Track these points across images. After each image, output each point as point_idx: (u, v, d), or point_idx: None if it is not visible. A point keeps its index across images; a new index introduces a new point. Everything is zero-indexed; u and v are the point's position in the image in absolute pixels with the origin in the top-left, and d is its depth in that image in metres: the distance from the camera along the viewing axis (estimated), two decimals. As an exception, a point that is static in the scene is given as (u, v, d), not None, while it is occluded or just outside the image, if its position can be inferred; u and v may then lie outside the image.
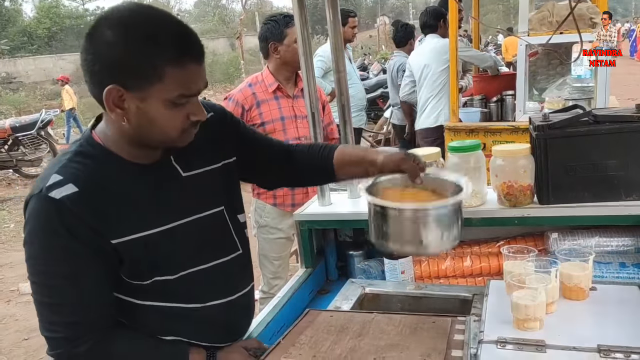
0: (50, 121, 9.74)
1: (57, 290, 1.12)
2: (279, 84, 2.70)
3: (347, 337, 1.21)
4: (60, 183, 1.09)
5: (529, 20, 3.75)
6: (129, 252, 1.15)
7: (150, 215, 1.19)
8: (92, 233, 1.11)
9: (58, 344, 1.14)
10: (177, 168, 1.26)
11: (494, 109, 4.33)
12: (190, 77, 1.09)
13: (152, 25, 1.07)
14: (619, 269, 1.60)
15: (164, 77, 1.06)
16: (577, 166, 1.65)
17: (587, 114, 1.67)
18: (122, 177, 1.17)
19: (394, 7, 49.45)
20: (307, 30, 1.91)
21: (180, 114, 1.12)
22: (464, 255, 1.83)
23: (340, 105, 2.07)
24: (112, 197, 1.14)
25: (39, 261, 1.12)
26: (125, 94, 1.07)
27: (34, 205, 1.10)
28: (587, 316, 1.32)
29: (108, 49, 1.06)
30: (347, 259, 2.04)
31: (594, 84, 3.64)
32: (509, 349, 1.21)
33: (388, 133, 7.01)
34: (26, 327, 4.13)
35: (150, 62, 1.05)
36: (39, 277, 1.13)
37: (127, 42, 1.05)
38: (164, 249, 1.20)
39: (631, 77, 14.34)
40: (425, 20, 4.53)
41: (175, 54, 1.06)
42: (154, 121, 1.11)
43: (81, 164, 1.13)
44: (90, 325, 1.14)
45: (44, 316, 1.14)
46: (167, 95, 1.08)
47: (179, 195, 1.24)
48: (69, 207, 1.08)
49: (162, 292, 1.22)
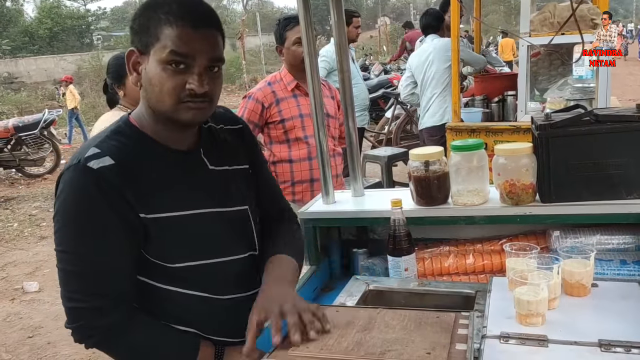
0: (53, 121, 9.78)
1: (86, 258, 1.16)
2: (297, 82, 2.75)
3: (353, 330, 1.23)
4: (98, 155, 1.15)
5: (530, 21, 3.78)
6: (156, 229, 1.20)
7: (181, 198, 1.24)
8: (125, 204, 1.16)
9: (79, 315, 1.17)
10: (205, 160, 1.32)
11: (495, 109, 4.35)
12: (183, 37, 1.14)
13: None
14: (619, 266, 1.63)
15: (160, 37, 1.15)
16: (579, 165, 1.67)
17: (589, 114, 1.69)
18: (155, 157, 1.23)
19: (395, 8, 49.46)
20: (312, 31, 1.93)
21: (175, 78, 1.16)
22: (467, 253, 1.85)
23: (344, 104, 2.09)
24: (145, 174, 1.20)
25: (70, 228, 1.15)
26: (139, 57, 1.19)
27: (70, 174, 1.15)
28: (588, 312, 1.34)
29: (133, 19, 1.20)
30: (350, 256, 2.06)
31: (595, 85, 3.66)
32: (511, 343, 1.22)
33: (389, 133, 7.04)
34: (30, 325, 4.16)
35: (151, 24, 1.16)
36: (68, 245, 1.16)
37: (142, 11, 1.19)
38: (191, 231, 1.25)
39: (632, 77, 14.35)
40: (428, 22, 4.57)
41: (171, 16, 1.15)
42: (151, 81, 1.17)
43: (118, 142, 1.20)
44: (114, 299, 1.18)
45: (69, 285, 1.17)
46: (161, 54, 1.15)
47: (207, 185, 1.30)
48: (105, 177, 1.13)
49: (183, 278, 1.27)
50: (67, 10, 37.82)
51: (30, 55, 28.72)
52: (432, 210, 1.84)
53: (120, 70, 2.55)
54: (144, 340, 1.24)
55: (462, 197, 1.80)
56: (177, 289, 1.28)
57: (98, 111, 14.67)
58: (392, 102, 7.53)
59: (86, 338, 1.20)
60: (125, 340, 1.21)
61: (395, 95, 7.46)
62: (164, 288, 1.28)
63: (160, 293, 1.28)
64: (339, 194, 2.15)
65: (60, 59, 27.12)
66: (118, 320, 1.19)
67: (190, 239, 1.26)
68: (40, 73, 25.70)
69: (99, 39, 37.67)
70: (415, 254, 1.79)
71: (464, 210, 1.80)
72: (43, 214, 7.30)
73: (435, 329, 1.23)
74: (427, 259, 1.86)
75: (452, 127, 4.07)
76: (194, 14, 1.17)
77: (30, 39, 32.96)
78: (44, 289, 4.86)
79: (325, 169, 2.07)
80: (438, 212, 1.83)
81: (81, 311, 1.17)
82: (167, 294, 1.28)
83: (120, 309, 1.19)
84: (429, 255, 1.87)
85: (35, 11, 37.92)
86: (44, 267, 5.40)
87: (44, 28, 33.44)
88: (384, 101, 8.70)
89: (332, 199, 2.08)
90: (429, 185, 1.83)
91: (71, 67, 24.51)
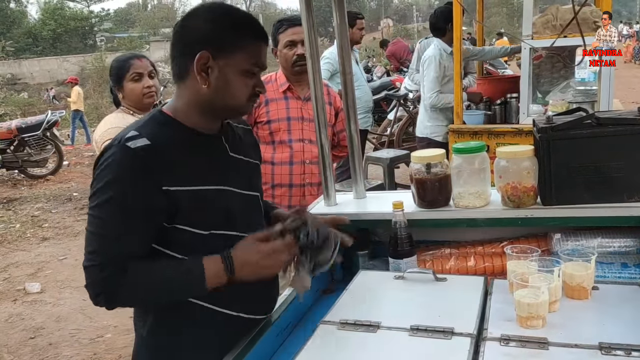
0: (56, 122, 9.79)
1: (104, 223, 1.28)
2: (290, 84, 2.71)
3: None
4: (136, 137, 1.30)
5: (533, 24, 3.78)
6: (184, 200, 1.31)
7: (206, 174, 1.38)
8: (155, 180, 1.29)
9: (88, 274, 1.28)
10: (226, 146, 1.47)
11: (497, 112, 4.35)
12: (262, 53, 1.38)
13: (236, 12, 1.40)
14: (620, 269, 1.63)
15: (245, 48, 1.35)
16: (580, 168, 1.67)
17: (590, 117, 1.69)
18: (185, 139, 1.38)
19: (398, 10, 49.48)
20: (314, 33, 1.94)
21: (249, 83, 1.38)
22: (468, 255, 1.85)
23: (346, 106, 2.09)
24: (176, 153, 1.33)
25: (103, 195, 1.27)
26: (211, 60, 1.33)
27: (111, 152, 1.30)
28: (589, 315, 1.35)
29: (205, 24, 1.35)
30: (352, 259, 2.06)
31: (597, 87, 3.66)
32: (512, 346, 1.23)
33: (392, 135, 7.04)
34: (32, 326, 4.16)
35: (235, 35, 1.34)
36: (94, 209, 1.29)
37: (221, 20, 1.35)
38: (216, 203, 1.38)
39: (636, 80, 14.32)
40: (434, 22, 4.44)
41: (254, 32, 1.37)
42: (229, 84, 1.36)
43: (153, 126, 1.36)
44: (119, 259, 1.27)
45: (88, 245, 1.29)
46: (244, 63, 1.35)
47: (228, 167, 1.45)
48: (141, 155, 1.27)
49: (204, 247, 1.35)
50: (70, 12, 37.94)
51: (34, 56, 28.83)
52: (433, 212, 1.84)
53: (119, 73, 2.59)
54: (145, 280, 1.31)
55: (463, 200, 1.80)
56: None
57: (101, 112, 14.71)
58: (395, 104, 7.52)
59: (95, 296, 1.28)
60: (128, 287, 1.29)
61: (398, 97, 7.46)
62: (182, 258, 1.36)
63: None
64: (341, 196, 2.16)
65: (64, 60, 27.21)
66: (112, 274, 1.27)
67: (215, 210, 1.38)
68: (44, 74, 25.79)
69: (102, 40, 37.75)
70: (416, 256, 1.80)
71: (465, 212, 1.80)
72: (45, 215, 7.31)
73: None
74: (428, 261, 1.86)
75: (455, 129, 4.07)
76: (263, 31, 1.39)
77: (33, 40, 33.07)
78: (46, 290, 4.87)
79: (326, 170, 2.07)
80: (439, 214, 1.84)
81: (89, 269, 1.28)
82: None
83: (117, 266, 1.27)
84: (430, 258, 1.87)
85: (39, 12, 38.05)
86: (46, 268, 5.42)
87: (47, 29, 33.52)
88: (386, 103, 8.69)
89: (333, 201, 2.08)
90: (431, 188, 1.83)
91: (74, 68, 24.57)
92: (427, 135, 4.37)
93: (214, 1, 1.42)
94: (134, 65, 2.59)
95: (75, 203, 7.79)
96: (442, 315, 1.39)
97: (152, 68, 2.65)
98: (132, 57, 2.66)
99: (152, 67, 2.66)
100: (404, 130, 7.00)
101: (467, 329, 1.31)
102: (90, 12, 40.04)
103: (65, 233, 6.50)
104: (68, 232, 6.54)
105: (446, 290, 1.55)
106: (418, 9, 44.66)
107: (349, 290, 1.62)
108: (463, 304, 1.44)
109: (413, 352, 1.26)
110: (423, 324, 1.34)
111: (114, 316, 4.04)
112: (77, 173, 9.87)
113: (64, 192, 8.46)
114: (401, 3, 51.90)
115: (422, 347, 1.27)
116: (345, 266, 2.10)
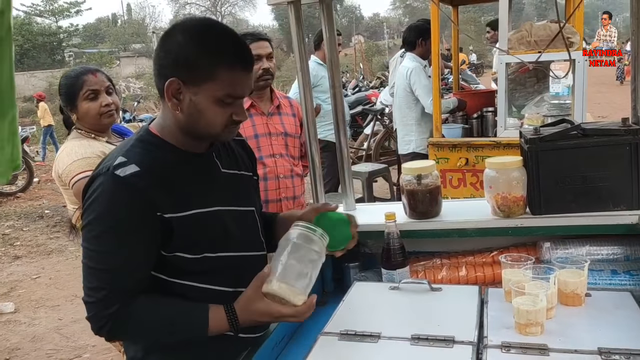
0: (26, 138, 9.62)
1: (102, 257, 1.25)
2: (252, 101, 2.64)
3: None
4: (124, 163, 1.26)
5: (508, 40, 3.87)
6: (178, 226, 1.29)
7: (199, 196, 1.35)
8: (149, 207, 1.26)
9: (90, 308, 1.27)
10: (217, 163, 1.43)
11: (474, 125, 4.42)
12: (237, 81, 1.28)
13: (213, 35, 1.28)
14: (611, 276, 1.66)
15: (216, 78, 1.25)
16: (567, 178, 1.71)
17: (576, 128, 1.74)
18: (175, 161, 1.34)
19: (369, 27, 50.10)
20: (304, 47, 1.95)
21: (225, 111, 1.30)
22: (459, 265, 1.87)
23: (335, 120, 2.11)
24: (167, 177, 1.30)
25: (95, 228, 1.25)
26: (183, 87, 1.26)
27: (100, 181, 1.26)
28: (584, 321, 1.37)
29: (177, 48, 1.26)
30: (343, 271, 2.06)
31: (571, 101, 3.75)
32: (513, 352, 1.24)
33: (369, 149, 7.09)
34: (7, 347, 4.04)
35: (206, 63, 1.24)
36: (90, 242, 1.26)
37: (191, 45, 1.25)
38: (210, 226, 1.35)
39: (600, 95, 14.74)
40: (405, 37, 4.61)
41: (228, 60, 1.26)
42: (202, 113, 1.28)
43: (142, 149, 1.32)
44: (124, 292, 1.26)
45: (87, 280, 1.27)
46: (216, 93, 1.26)
47: (219, 185, 1.41)
48: (131, 183, 1.24)
49: (198, 271, 1.36)
50: (38, 27, 37.38)
51: (0, 72, 28.20)
52: (424, 223, 1.87)
53: (71, 92, 2.22)
54: (150, 319, 1.30)
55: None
56: (191, 283, 1.37)
57: (68, 130, 14.43)
58: (371, 119, 7.59)
59: (98, 329, 1.28)
60: (132, 324, 1.28)
61: (375, 112, 7.53)
62: (178, 282, 1.36)
63: (174, 287, 1.36)
64: (330, 209, 2.16)
65: (31, 75, 26.74)
66: (119, 309, 1.26)
67: (209, 234, 1.36)
68: (11, 90, 25.23)
69: (70, 55, 37.24)
70: (409, 267, 1.81)
71: (456, 223, 1.83)
72: (16, 233, 7.13)
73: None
74: (420, 271, 1.88)
75: (434, 142, 4.13)
76: (244, 56, 1.29)
77: (0, 55, 32.40)
78: (20, 309, 4.73)
79: (317, 184, 2.08)
80: (430, 224, 1.86)
81: (91, 305, 1.27)
82: (181, 288, 1.36)
83: (123, 300, 1.26)
84: (422, 268, 1.89)
85: (6, 28, 37.33)
86: (19, 287, 5.27)
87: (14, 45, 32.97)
88: (361, 118, 8.77)
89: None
90: (422, 199, 1.85)
91: (42, 84, 24.16)
92: (412, 150, 4.43)
93: (195, 18, 1.36)
94: (87, 82, 2.19)
95: (48, 220, 7.61)
96: (441, 325, 1.40)
97: (109, 83, 2.28)
98: (84, 72, 2.24)
99: (109, 82, 2.28)
100: (380, 144, 7.07)
101: (467, 337, 1.32)
102: (59, 28, 39.47)
103: (38, 251, 6.35)
104: (41, 250, 6.38)
105: (442, 300, 1.56)
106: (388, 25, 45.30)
107: (345, 302, 1.63)
108: (460, 313, 1.46)
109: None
110: (423, 333, 1.35)
111: (92, 336, 3.89)
112: (47, 190, 9.66)
113: (35, 210, 8.26)
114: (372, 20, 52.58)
115: (425, 356, 1.27)
116: (336, 278, 2.10)
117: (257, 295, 1.30)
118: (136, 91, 21.97)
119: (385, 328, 1.40)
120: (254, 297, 1.30)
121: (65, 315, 4.49)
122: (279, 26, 41.91)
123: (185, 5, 45.55)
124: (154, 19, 49.65)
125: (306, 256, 1.32)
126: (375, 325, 1.42)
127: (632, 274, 1.66)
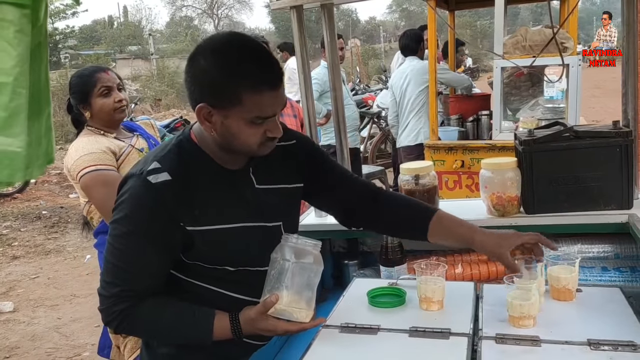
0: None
1: (123, 256, 1.31)
2: None
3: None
4: (158, 170, 1.29)
5: (503, 44, 3.94)
6: (200, 239, 1.32)
7: (226, 212, 1.36)
8: (173, 217, 1.29)
9: (102, 301, 1.33)
10: (253, 179, 1.43)
11: (470, 128, 4.50)
12: (265, 101, 1.26)
13: (236, 57, 1.25)
14: (601, 272, 1.73)
15: (243, 101, 1.24)
16: (560, 178, 1.78)
17: (569, 130, 1.80)
18: (208, 174, 1.36)
19: (365, 30, 50.21)
20: (306, 50, 2.01)
21: (258, 130, 1.29)
22: (455, 263, 1.93)
23: (336, 124, 2.15)
24: (197, 190, 1.32)
25: (119, 227, 1.30)
26: (213, 111, 1.27)
27: (132, 183, 1.30)
28: (575, 315, 1.43)
29: (201, 74, 1.26)
30: (342, 268, 2.12)
31: (565, 105, 3.83)
32: (507, 344, 1.30)
33: (365, 152, 7.15)
34: (7, 346, 4.06)
35: (231, 88, 1.23)
36: (114, 239, 1.31)
37: (215, 71, 1.24)
38: (231, 243, 1.37)
39: (594, 99, 14.86)
40: (406, 43, 4.70)
41: (253, 82, 1.24)
42: (235, 135, 1.29)
43: (177, 155, 1.34)
44: (135, 293, 1.32)
45: (105, 273, 1.33)
46: (245, 115, 1.26)
47: (252, 202, 1.42)
48: (161, 191, 1.27)
49: (215, 278, 1.39)
50: (34, 28, 37.28)
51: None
52: (422, 222, 1.92)
53: (84, 90, 2.29)
54: (156, 321, 1.35)
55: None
56: (209, 286, 1.41)
57: (67, 130, 14.35)
58: (368, 121, 7.65)
59: (107, 322, 1.35)
60: (138, 324, 1.35)
61: (372, 115, 7.60)
62: (197, 284, 1.41)
63: (193, 287, 1.41)
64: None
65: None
66: (128, 307, 1.32)
67: (230, 250, 1.38)
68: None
69: (66, 57, 37.18)
70: (406, 264, 1.86)
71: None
72: (14, 234, 7.14)
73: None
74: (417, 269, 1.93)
75: (430, 145, 4.19)
76: (272, 75, 1.26)
77: (-4, 56, 32.30)
78: (19, 308, 4.76)
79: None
80: (428, 223, 1.91)
81: (103, 298, 1.33)
82: (199, 289, 1.41)
83: (133, 300, 1.32)
84: (419, 266, 1.94)
85: (2, 29, 37.22)
86: (17, 287, 5.29)
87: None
88: (358, 120, 8.83)
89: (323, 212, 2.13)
90: (419, 198, 1.90)
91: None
92: (420, 141, 4.52)
93: (218, 36, 1.33)
94: (101, 79, 2.28)
95: (45, 221, 7.63)
96: (437, 318, 1.46)
97: (119, 80, 2.37)
98: (97, 70, 2.34)
99: (119, 80, 2.38)
100: (377, 146, 7.13)
101: (463, 329, 1.38)
102: (55, 29, 39.44)
103: (36, 251, 6.37)
104: (39, 250, 6.40)
105: (439, 295, 1.61)
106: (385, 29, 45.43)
107: (345, 297, 1.68)
108: (457, 307, 1.51)
109: (414, 352, 1.31)
110: (421, 326, 1.40)
111: (91, 334, 3.99)
112: (44, 191, 9.65)
113: (33, 211, 8.27)
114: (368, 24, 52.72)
115: (423, 347, 1.33)
116: (336, 275, 2.16)
117: (262, 317, 1.33)
118: (132, 93, 22.00)
119: (384, 321, 1.46)
120: (259, 319, 1.33)
121: (64, 314, 4.52)
122: (275, 29, 41.97)
123: (182, 7, 45.57)
124: (150, 21, 49.56)
125: (307, 272, 1.35)
126: (374, 319, 1.48)
127: (622, 270, 1.72)
